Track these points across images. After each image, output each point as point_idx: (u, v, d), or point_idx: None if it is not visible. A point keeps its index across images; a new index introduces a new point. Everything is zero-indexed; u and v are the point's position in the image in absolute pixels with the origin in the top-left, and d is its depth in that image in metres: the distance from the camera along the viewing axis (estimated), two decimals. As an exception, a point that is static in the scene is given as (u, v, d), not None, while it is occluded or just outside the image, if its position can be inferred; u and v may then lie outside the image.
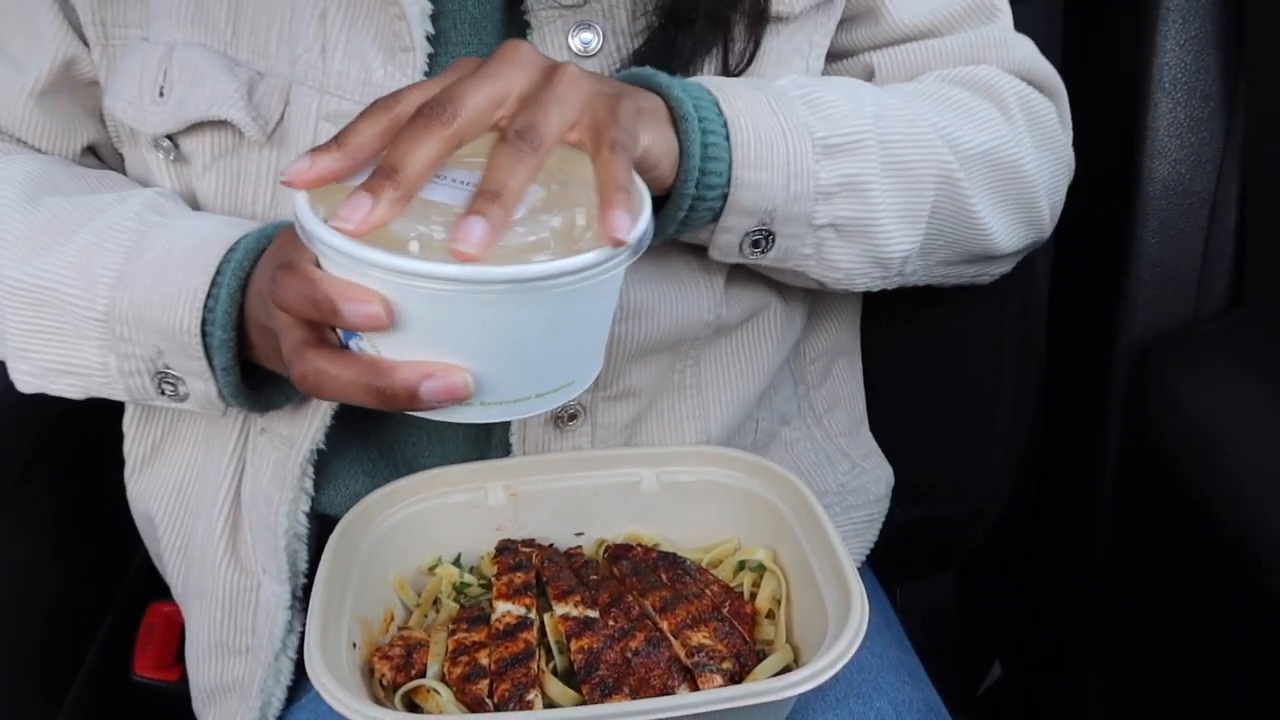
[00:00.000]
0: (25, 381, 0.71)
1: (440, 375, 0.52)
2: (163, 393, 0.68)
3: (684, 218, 0.65)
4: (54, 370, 0.70)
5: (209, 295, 0.64)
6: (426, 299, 0.51)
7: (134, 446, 0.82)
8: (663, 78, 0.65)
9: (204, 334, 0.65)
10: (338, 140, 0.54)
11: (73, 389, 0.71)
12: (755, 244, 0.69)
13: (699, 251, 0.75)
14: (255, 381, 0.69)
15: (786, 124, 0.66)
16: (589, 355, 0.58)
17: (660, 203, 0.65)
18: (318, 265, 0.54)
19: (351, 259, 0.51)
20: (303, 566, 0.75)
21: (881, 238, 0.71)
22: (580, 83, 0.56)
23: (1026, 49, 0.82)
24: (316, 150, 0.54)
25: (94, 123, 0.78)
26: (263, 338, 0.64)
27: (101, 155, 0.80)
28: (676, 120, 0.63)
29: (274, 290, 0.55)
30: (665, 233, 0.66)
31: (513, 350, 0.54)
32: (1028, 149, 0.78)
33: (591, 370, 0.58)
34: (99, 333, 0.67)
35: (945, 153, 0.72)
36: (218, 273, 0.64)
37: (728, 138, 0.64)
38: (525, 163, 0.52)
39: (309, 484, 0.74)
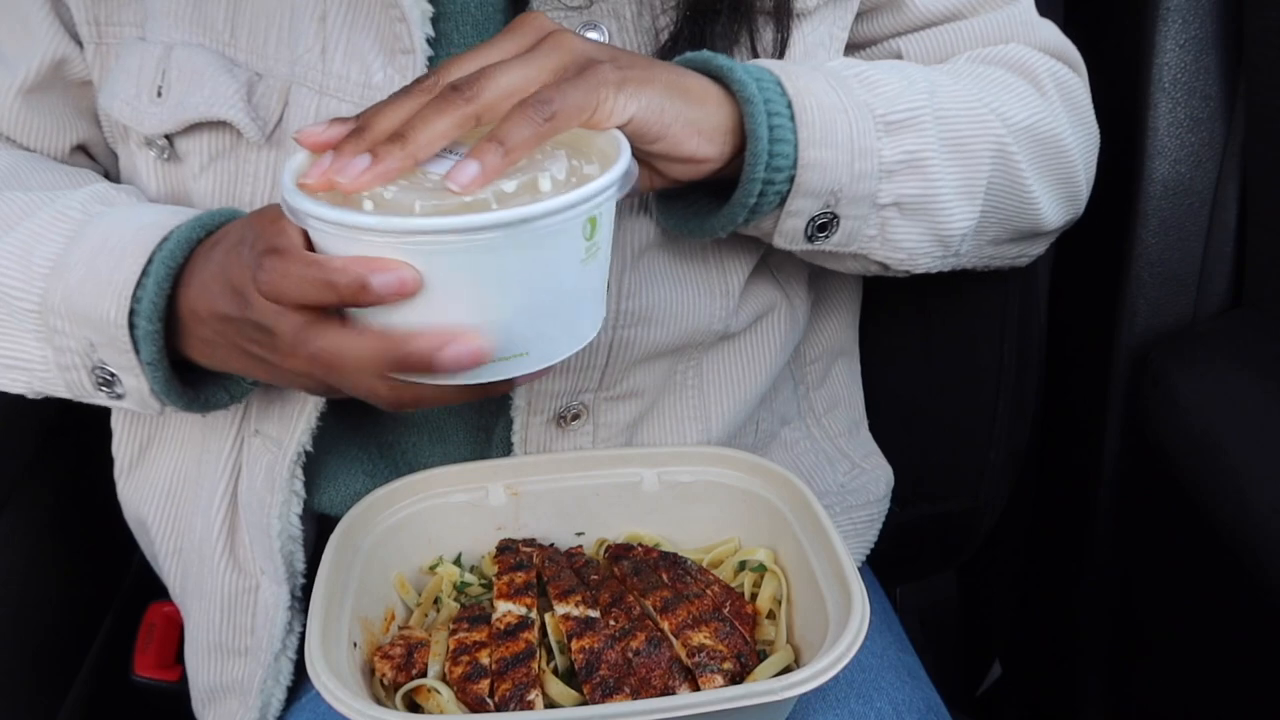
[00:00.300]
0: None
1: (463, 340, 0.52)
2: (101, 389, 0.67)
3: (754, 204, 0.65)
4: (0, 364, 0.69)
5: (138, 284, 0.63)
6: (444, 256, 0.51)
7: (121, 448, 0.81)
8: (723, 59, 0.64)
9: (132, 326, 0.63)
10: (359, 117, 0.54)
11: (17, 384, 0.70)
12: (821, 228, 0.68)
13: (719, 258, 0.75)
14: (194, 379, 0.67)
15: (848, 102, 0.66)
16: (593, 301, 0.59)
17: (727, 191, 0.65)
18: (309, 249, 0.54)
19: (370, 231, 0.50)
20: (300, 567, 0.75)
21: (943, 215, 0.71)
22: (607, 74, 0.57)
23: (1051, 29, 0.82)
24: (337, 119, 0.54)
25: (85, 122, 0.78)
26: (215, 330, 0.62)
27: (94, 154, 0.80)
28: (741, 104, 0.63)
29: (265, 279, 0.54)
30: (735, 221, 0.66)
31: (547, 288, 0.55)
32: (1064, 123, 0.78)
33: (597, 317, 0.59)
34: (35, 325, 0.67)
35: (998, 126, 0.73)
36: (149, 261, 0.63)
37: (792, 118, 0.64)
38: (533, 124, 0.54)
39: (299, 485, 0.74)
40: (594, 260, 0.56)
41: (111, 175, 0.81)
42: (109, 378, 0.66)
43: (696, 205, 0.69)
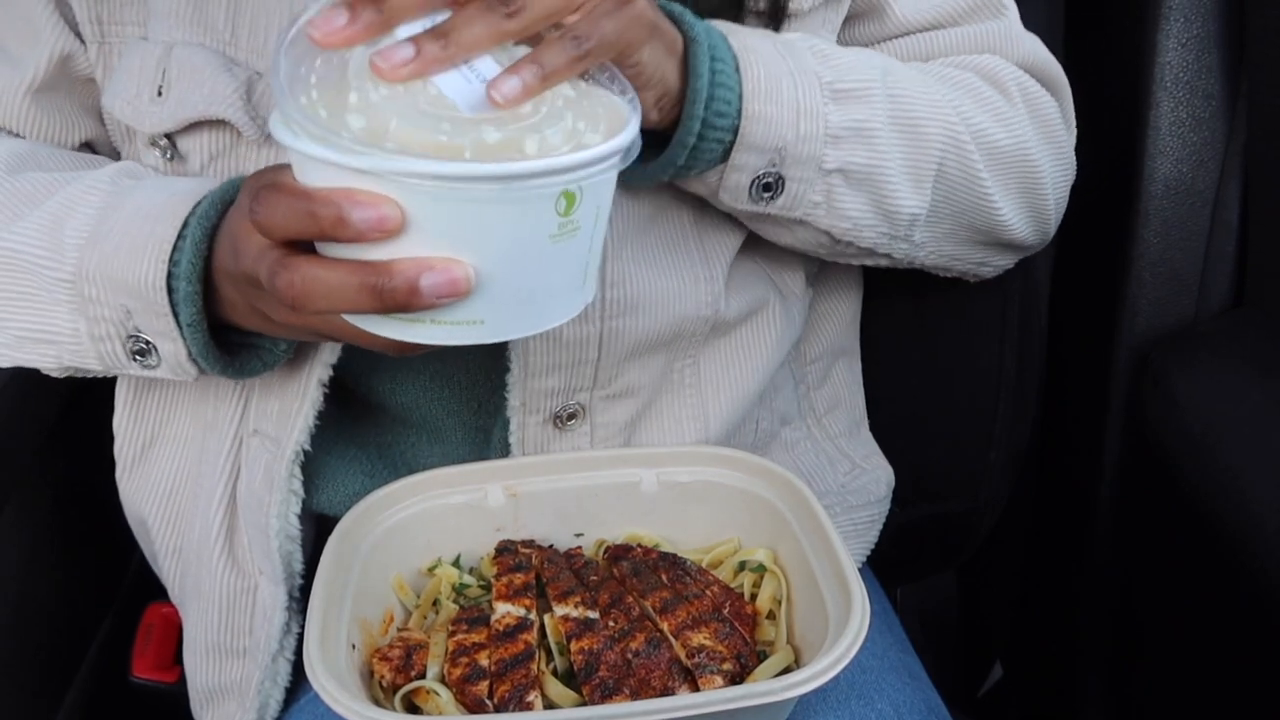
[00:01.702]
0: (1, 355, 0.71)
1: (442, 269, 0.51)
2: (134, 358, 0.67)
3: (694, 146, 0.65)
4: (27, 339, 0.69)
5: (174, 248, 0.63)
6: (431, 199, 0.50)
7: (124, 447, 0.81)
8: (676, 7, 0.65)
9: (170, 289, 0.63)
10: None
11: (46, 359, 0.70)
12: (766, 187, 0.69)
13: (699, 243, 0.74)
14: (230, 347, 0.68)
15: (794, 67, 0.68)
16: (566, 284, 0.56)
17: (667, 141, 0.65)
18: None
19: (352, 171, 0.49)
20: (298, 568, 0.75)
21: (889, 189, 0.72)
22: (644, 10, 0.58)
23: (1032, 45, 0.82)
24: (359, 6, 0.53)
25: (91, 120, 0.78)
26: (235, 289, 0.63)
27: (98, 152, 0.80)
28: (688, 44, 0.64)
29: (258, 210, 0.54)
30: (675, 164, 0.66)
31: (508, 257, 0.53)
32: (1030, 133, 0.78)
33: (572, 303, 0.57)
34: (68, 295, 0.67)
35: (954, 118, 0.73)
36: (184, 225, 0.63)
37: (737, 69, 0.65)
38: (569, 55, 0.54)
39: (298, 485, 0.73)
40: (569, 239, 0.53)
41: None
42: (145, 346, 0.66)
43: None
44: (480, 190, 0.50)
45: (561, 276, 0.55)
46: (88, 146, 0.79)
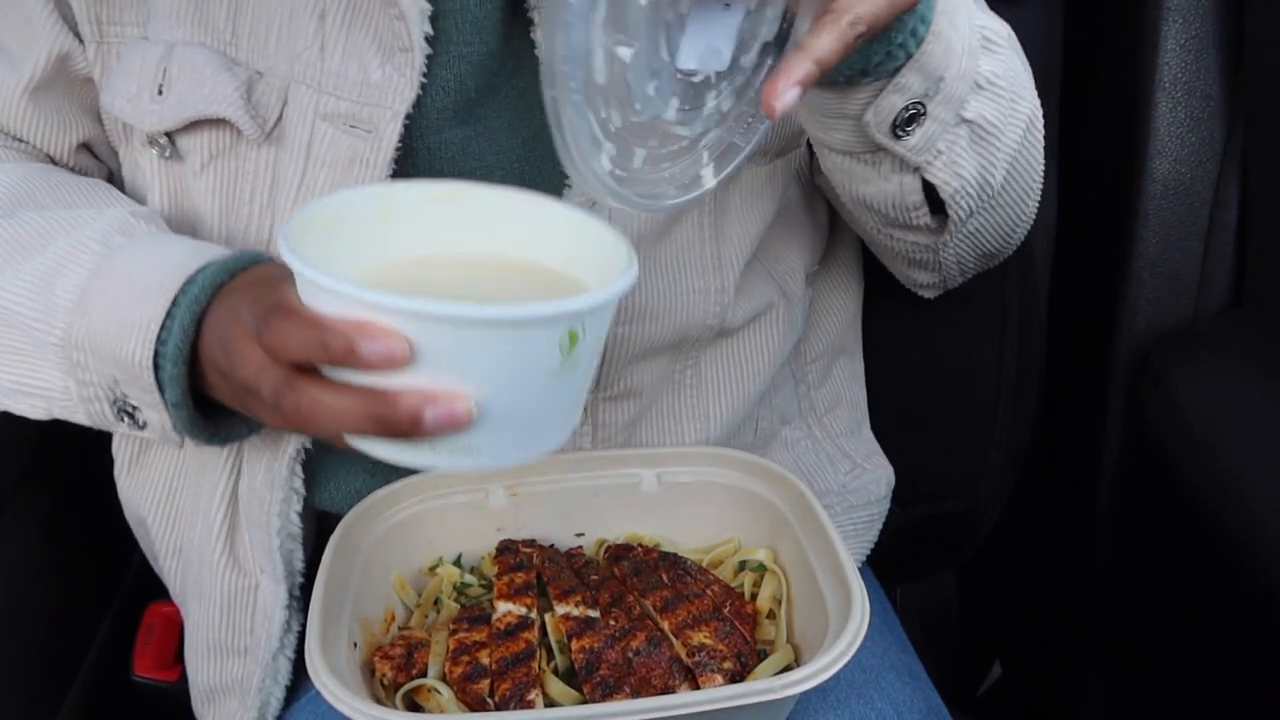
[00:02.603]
0: None
1: (445, 402, 0.51)
2: (122, 420, 0.68)
3: (900, 44, 0.62)
4: (17, 390, 0.69)
5: (162, 328, 0.63)
6: (439, 336, 0.50)
7: (122, 445, 0.82)
8: None
9: (156, 367, 0.63)
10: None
11: (36, 409, 0.70)
12: (908, 121, 0.66)
13: (716, 251, 0.74)
14: (213, 412, 0.67)
15: (960, 3, 0.66)
16: (562, 414, 0.57)
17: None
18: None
19: (364, 305, 0.50)
20: (299, 566, 0.75)
21: (998, 155, 0.70)
22: None
23: None
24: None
25: (89, 120, 0.78)
26: (225, 385, 0.62)
27: (97, 152, 0.80)
28: None
29: (268, 334, 0.53)
30: (869, 62, 0.63)
31: (510, 391, 0.53)
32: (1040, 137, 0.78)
33: (565, 429, 0.57)
34: (58, 357, 0.67)
35: (1035, 97, 0.73)
36: (173, 304, 0.63)
37: None
38: (844, 42, 0.54)
39: (299, 483, 0.74)
40: (569, 373, 0.54)
41: (115, 175, 0.81)
42: (132, 409, 0.67)
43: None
44: (488, 332, 0.51)
45: (558, 408, 0.56)
46: (85, 147, 0.79)
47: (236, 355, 0.58)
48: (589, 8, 0.49)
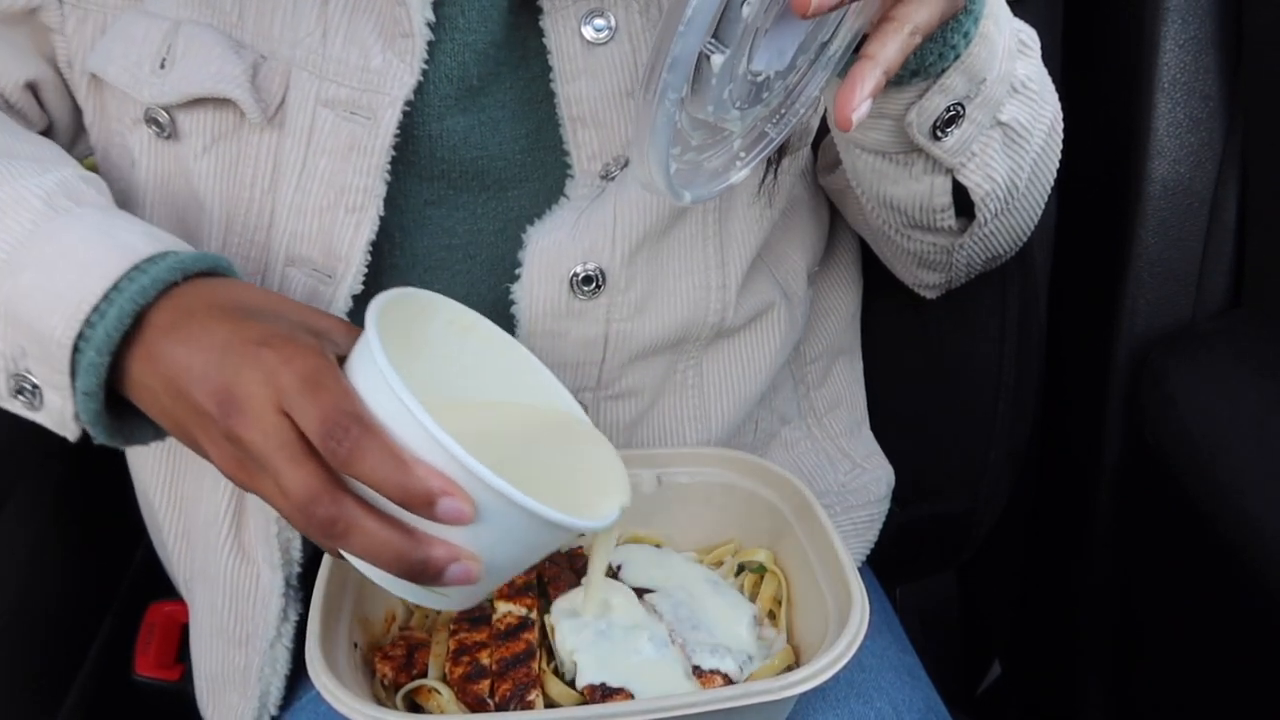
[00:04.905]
0: None
1: (465, 561, 0.52)
2: (17, 397, 0.62)
3: (939, 53, 0.63)
4: None
5: (94, 310, 0.58)
6: (495, 509, 0.52)
7: None
8: None
9: (76, 349, 0.58)
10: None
11: None
12: (947, 122, 0.67)
13: (720, 249, 0.74)
14: (120, 408, 0.61)
15: (1001, 9, 0.66)
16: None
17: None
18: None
19: (460, 467, 0.51)
20: (296, 555, 0.75)
21: (1025, 159, 0.72)
22: None
23: None
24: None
25: (44, 64, 0.74)
26: (165, 401, 0.57)
27: (42, 98, 0.76)
28: None
29: (343, 450, 0.51)
30: (922, 62, 0.63)
31: (518, 562, 0.57)
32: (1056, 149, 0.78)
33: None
34: None
35: (1056, 102, 0.74)
36: (114, 288, 0.58)
37: None
38: (907, 51, 0.55)
39: None
40: (573, 541, 0.58)
41: (53, 128, 0.78)
42: (30, 388, 0.61)
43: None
44: (540, 524, 0.53)
45: (523, 568, 0.59)
46: (31, 87, 0.75)
47: (236, 403, 0.53)
48: (707, 19, 0.49)
